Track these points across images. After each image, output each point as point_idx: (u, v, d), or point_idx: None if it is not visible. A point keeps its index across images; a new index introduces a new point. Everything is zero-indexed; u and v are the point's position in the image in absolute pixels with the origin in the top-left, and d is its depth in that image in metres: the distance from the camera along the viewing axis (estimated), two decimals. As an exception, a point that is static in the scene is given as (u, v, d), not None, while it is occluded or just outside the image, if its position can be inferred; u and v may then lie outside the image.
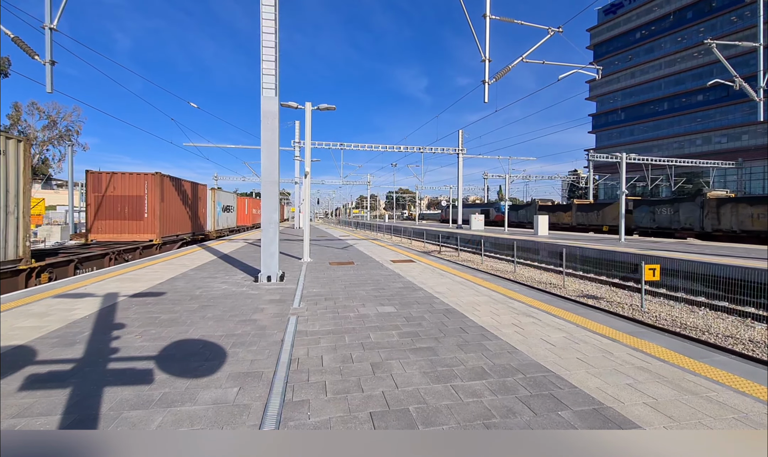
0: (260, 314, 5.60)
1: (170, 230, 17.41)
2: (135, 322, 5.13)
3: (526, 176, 55.57)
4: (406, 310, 5.93)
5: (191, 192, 20.60)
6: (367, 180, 60.78)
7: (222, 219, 26.84)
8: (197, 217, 21.46)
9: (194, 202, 21.02)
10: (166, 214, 16.82)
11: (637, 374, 3.58)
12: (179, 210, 18.66)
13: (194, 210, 20.97)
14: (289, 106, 11.83)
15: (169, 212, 17.35)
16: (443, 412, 2.88)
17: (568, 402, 3.03)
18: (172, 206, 17.79)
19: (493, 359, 3.94)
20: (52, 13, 8.82)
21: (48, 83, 8.96)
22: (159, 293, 7.01)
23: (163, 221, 16.59)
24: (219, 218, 26.08)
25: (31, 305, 5.96)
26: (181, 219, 18.91)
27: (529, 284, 12.76)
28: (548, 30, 13.60)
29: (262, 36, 8.26)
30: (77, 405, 2.92)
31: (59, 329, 4.77)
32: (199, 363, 3.76)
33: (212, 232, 24.44)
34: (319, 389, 3.25)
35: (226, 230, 27.81)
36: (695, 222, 23.02)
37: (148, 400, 3.01)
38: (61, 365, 3.67)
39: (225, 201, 28.39)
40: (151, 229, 16.12)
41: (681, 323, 9.14)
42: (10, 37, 8.85)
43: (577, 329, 4.97)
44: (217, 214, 25.36)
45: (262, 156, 8.45)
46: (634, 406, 2.98)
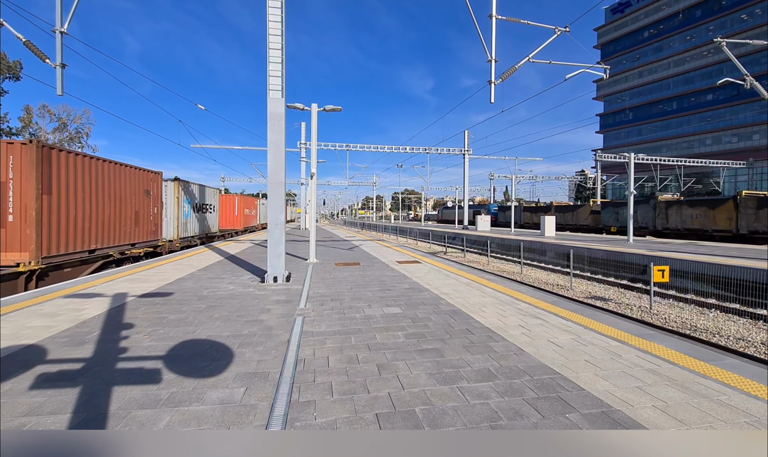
0: (267, 315, 5.62)
1: (72, 242, 10.37)
2: (143, 322, 5.18)
3: (532, 177, 55.23)
4: (412, 311, 5.92)
5: (127, 182, 13.16)
6: (372, 181, 60.83)
7: (193, 222, 19.66)
8: (141, 221, 14.15)
9: (134, 197, 13.61)
10: (58, 217, 9.81)
11: (646, 376, 3.53)
12: (99, 209, 11.50)
13: (136, 210, 13.71)
14: (295, 107, 11.88)
15: (69, 213, 10.20)
16: (449, 414, 2.87)
17: (576, 405, 3.00)
18: (79, 202, 10.59)
19: (500, 360, 3.91)
20: (62, 17, 8.95)
21: (59, 86, 9.09)
22: (167, 293, 7.07)
23: (52, 229, 9.58)
24: (187, 221, 18.76)
25: (41, 305, 6.05)
26: (104, 224, 11.77)
27: (536, 285, 12.68)
28: (555, 30, 13.52)
29: (268, 38, 8.31)
30: (86, 404, 2.95)
31: (69, 329, 4.83)
32: (207, 363, 3.78)
33: (175, 240, 17.27)
34: (325, 389, 3.25)
35: (198, 236, 20.33)
36: (649, 221, 26.12)
37: (156, 399, 3.04)
38: (71, 365, 3.71)
39: (199, 198, 20.77)
40: (19, 242, 9.01)
41: (691, 325, 9.02)
42: (22, 41, 9.00)
43: (585, 330, 4.93)
44: (182, 215, 18.11)
45: (269, 157, 8.50)
46: (644, 409, 2.94)
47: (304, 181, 34.29)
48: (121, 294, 6.91)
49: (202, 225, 21.35)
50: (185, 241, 18.68)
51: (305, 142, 31.25)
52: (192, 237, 19.59)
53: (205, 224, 21.98)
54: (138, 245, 14.08)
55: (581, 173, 68.16)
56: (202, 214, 21.21)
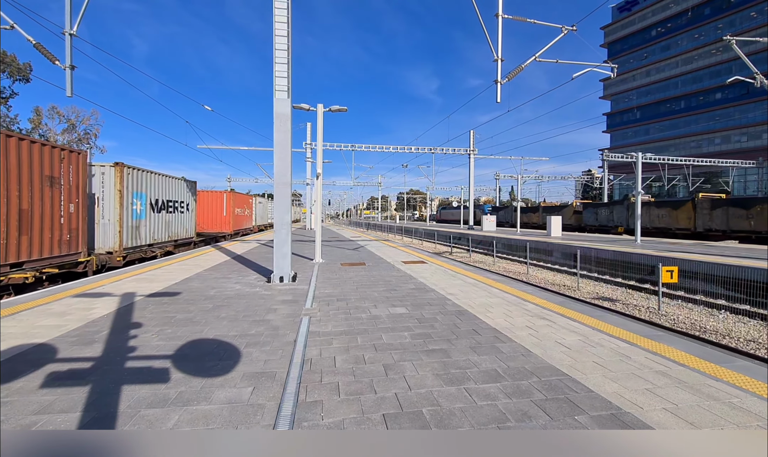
0: (273, 315, 5.64)
1: None
2: (151, 321, 5.22)
3: (538, 177, 54.91)
4: (418, 311, 5.90)
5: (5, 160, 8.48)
6: (377, 181, 60.86)
7: (152, 225, 14.75)
8: (39, 226, 9.52)
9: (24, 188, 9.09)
10: None
11: (655, 378, 3.49)
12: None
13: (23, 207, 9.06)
14: (301, 108, 11.91)
15: None
16: (457, 415, 2.85)
17: (585, 406, 2.97)
18: None
19: (507, 361, 3.89)
20: (72, 20, 9.05)
21: (68, 88, 9.20)
22: (174, 292, 7.12)
23: None
24: (140, 224, 13.87)
25: (51, 304, 6.11)
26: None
27: (543, 286, 12.60)
28: (562, 28, 13.43)
29: (274, 39, 8.34)
30: (96, 403, 2.98)
31: (78, 328, 4.88)
32: (214, 363, 3.80)
33: (116, 252, 12.46)
34: (332, 389, 3.25)
35: (162, 244, 15.71)
36: (623, 221, 28.08)
37: (165, 399, 3.06)
38: (81, 364, 3.75)
39: (161, 192, 15.59)
40: None
41: (700, 327, 8.92)
42: (33, 44, 9.11)
43: (593, 331, 4.89)
44: (131, 216, 13.19)
45: (275, 157, 8.53)
46: (654, 411, 2.91)
47: (309, 182, 34.39)
48: (129, 294, 6.97)
49: (169, 228, 16.38)
50: (137, 251, 13.67)
51: (311, 142, 31.34)
52: (150, 246, 14.62)
53: (174, 227, 16.87)
54: (29, 266, 9.10)
55: (588, 173, 67.61)
56: (168, 214, 16.18)
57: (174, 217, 16.90)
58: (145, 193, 14.28)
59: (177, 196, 17.30)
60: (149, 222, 14.67)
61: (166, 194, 16.17)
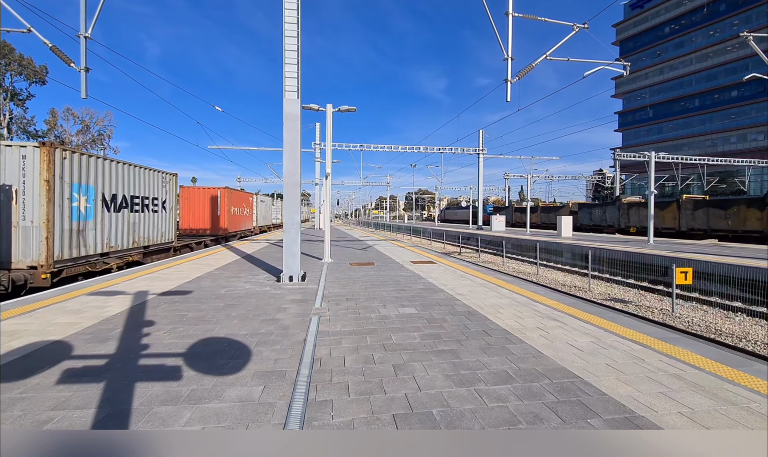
0: (283, 314, 5.67)
1: None
2: (164, 319, 5.29)
3: (548, 176, 54.35)
4: (427, 311, 5.89)
5: None
6: (386, 181, 60.84)
7: (107, 228, 11.42)
8: None
9: None
10: None
11: (670, 381, 3.43)
12: None
13: None
14: (310, 108, 11.97)
15: None
16: (467, 416, 2.84)
17: (598, 409, 2.93)
18: None
19: (518, 363, 3.85)
20: (86, 23, 9.22)
21: (83, 89, 9.37)
22: (186, 291, 7.20)
23: None
24: (86, 227, 10.54)
25: (67, 302, 6.23)
26: None
27: (553, 287, 12.47)
28: (573, 26, 13.27)
29: (284, 40, 8.39)
30: (110, 400, 3.03)
31: (93, 326, 4.96)
32: (225, 361, 3.83)
33: (40, 267, 9.02)
34: (342, 389, 3.26)
35: (122, 252, 12.30)
36: (615, 221, 29.76)
37: (177, 396, 3.09)
38: (95, 361, 3.81)
39: (118, 186, 12.09)
40: None
41: (715, 329, 8.73)
42: (49, 47, 9.30)
43: (605, 333, 4.82)
44: (68, 216, 9.85)
45: (284, 158, 8.58)
46: (669, 415, 2.85)
47: (318, 182, 34.52)
48: (142, 292, 7.07)
49: (134, 232, 12.82)
50: (80, 264, 10.28)
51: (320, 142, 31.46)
52: (102, 256, 11.17)
53: (143, 230, 13.30)
54: None
55: (599, 173, 66.73)
56: (133, 213, 12.70)
57: (143, 218, 13.36)
58: (95, 185, 10.88)
59: (147, 190, 13.67)
60: (101, 224, 11.02)
61: (131, 188, 12.63)
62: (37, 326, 4.93)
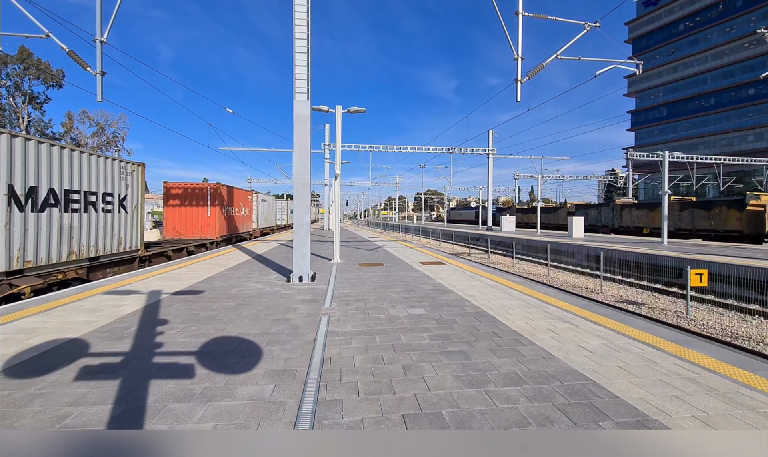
0: (293, 314, 5.72)
1: None
2: (177, 318, 5.38)
3: (559, 176, 53.74)
4: (436, 312, 5.88)
5: None
6: (395, 181, 60.81)
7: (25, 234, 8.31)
8: None
9: None
10: None
11: (684, 385, 3.38)
12: None
13: None
14: (320, 109, 12.04)
15: None
16: (477, 417, 2.83)
17: (610, 412, 2.90)
18: None
19: (528, 364, 3.83)
20: (102, 28, 9.42)
21: (98, 93, 9.57)
22: (198, 291, 7.31)
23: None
24: None
25: (83, 301, 6.38)
26: None
27: (564, 288, 12.33)
28: (584, 25, 13.12)
29: (294, 42, 8.46)
30: (126, 396, 3.09)
31: (108, 324, 5.07)
32: (237, 360, 3.89)
33: None
34: (352, 389, 3.28)
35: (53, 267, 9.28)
36: (609, 221, 31.52)
37: (190, 394, 3.15)
38: (111, 358, 3.90)
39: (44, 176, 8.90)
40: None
41: (732, 332, 8.55)
42: (66, 51, 9.53)
43: (617, 335, 4.76)
44: None
45: (294, 159, 8.65)
46: (683, 419, 2.81)
47: (327, 183, 34.68)
48: (155, 291, 7.20)
49: (75, 239, 9.84)
50: None
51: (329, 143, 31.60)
52: (9, 275, 8.09)
53: (89, 236, 10.37)
54: None
55: (611, 173, 65.77)
56: (72, 215, 9.73)
57: (87, 220, 10.34)
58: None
59: (94, 183, 10.66)
60: (10, 229, 8.06)
61: (65, 180, 9.58)
62: (55, 323, 5.06)
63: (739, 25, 50.85)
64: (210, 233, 19.23)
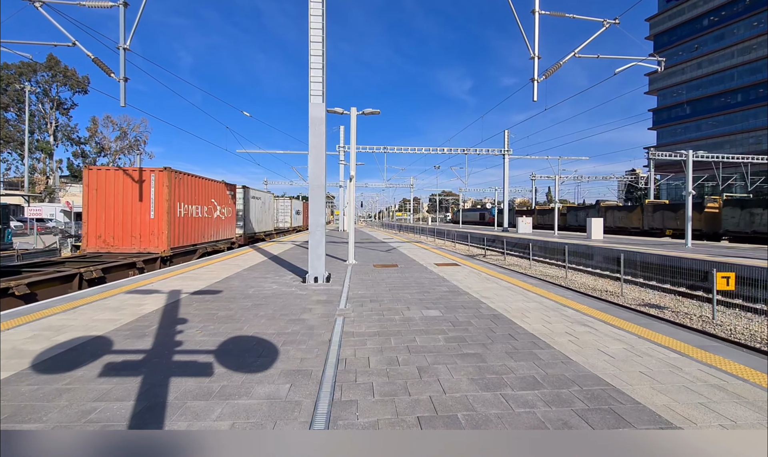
0: (308, 314, 5.77)
1: None
2: (195, 317, 5.49)
3: (577, 177, 52.71)
4: (451, 314, 5.84)
5: None
6: (410, 183, 60.74)
7: None
8: None
9: None
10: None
11: (711, 392, 3.26)
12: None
13: None
14: (335, 112, 12.13)
15: None
16: (493, 421, 2.80)
17: (631, 419, 2.83)
18: None
19: (546, 368, 3.77)
20: (125, 35, 9.72)
21: (122, 98, 9.88)
22: (216, 291, 7.45)
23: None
24: None
25: (107, 300, 6.58)
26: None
27: (583, 291, 12.08)
28: (603, 22, 12.85)
29: (310, 46, 8.55)
30: (147, 393, 3.17)
31: (131, 322, 5.21)
32: (254, 359, 3.94)
33: None
34: (367, 390, 3.28)
35: None
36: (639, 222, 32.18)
37: (209, 392, 3.21)
38: (133, 356, 4.01)
39: None
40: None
41: (761, 338, 8.22)
42: (91, 58, 9.87)
43: (639, 340, 4.63)
44: None
45: (310, 161, 8.73)
46: (708, 428, 2.71)
47: (342, 184, 34.88)
48: (175, 291, 7.37)
49: None
50: None
51: (344, 145, 31.77)
52: None
53: None
54: None
55: (632, 173, 64.13)
56: None
57: None
58: None
59: None
60: None
61: None
62: (81, 321, 5.23)
63: (767, 19, 48.92)
64: (153, 242, 13.32)
